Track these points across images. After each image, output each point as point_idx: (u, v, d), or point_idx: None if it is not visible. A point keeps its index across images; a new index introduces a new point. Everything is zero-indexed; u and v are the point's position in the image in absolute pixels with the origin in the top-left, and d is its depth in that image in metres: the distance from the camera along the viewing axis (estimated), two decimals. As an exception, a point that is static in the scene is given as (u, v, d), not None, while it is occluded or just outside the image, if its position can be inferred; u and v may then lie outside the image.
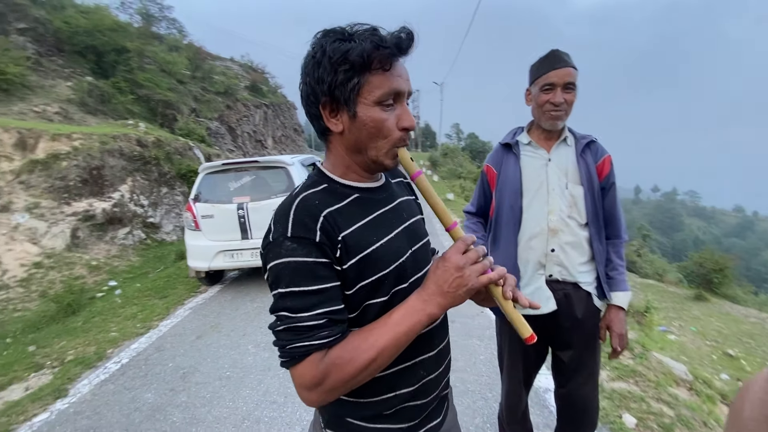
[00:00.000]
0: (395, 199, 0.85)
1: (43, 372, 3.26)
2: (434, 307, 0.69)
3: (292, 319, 0.67)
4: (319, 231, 0.69)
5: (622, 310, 1.52)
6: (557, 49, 1.43)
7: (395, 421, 0.79)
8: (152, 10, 22.62)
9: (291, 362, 0.68)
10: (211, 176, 4.74)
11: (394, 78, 0.71)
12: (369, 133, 0.72)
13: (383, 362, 0.68)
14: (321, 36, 0.72)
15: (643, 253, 29.21)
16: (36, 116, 9.49)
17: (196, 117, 15.53)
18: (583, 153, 1.50)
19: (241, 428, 2.36)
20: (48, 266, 5.55)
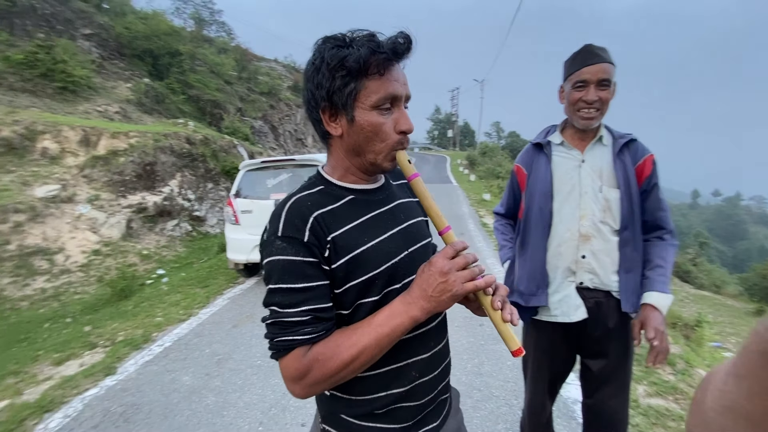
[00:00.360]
0: (393, 201, 0.85)
1: (96, 350, 3.57)
2: (417, 311, 0.69)
3: (279, 314, 0.70)
4: (308, 231, 0.71)
5: (657, 310, 1.36)
6: (591, 44, 1.35)
7: (388, 420, 0.80)
8: (204, 15, 23.87)
9: (277, 354, 0.72)
10: (251, 173, 4.95)
11: (391, 83, 0.72)
12: (367, 136, 0.74)
13: (365, 361, 0.70)
14: (321, 43, 0.73)
15: (700, 262, 27.11)
16: (99, 115, 10.32)
17: (242, 116, 16.23)
18: (621, 153, 1.40)
19: (268, 415, 2.46)
20: (105, 253, 6.03)
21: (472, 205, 11.09)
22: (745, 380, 0.28)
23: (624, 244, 1.40)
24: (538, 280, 1.48)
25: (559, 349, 1.54)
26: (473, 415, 2.40)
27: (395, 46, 0.71)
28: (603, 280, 1.42)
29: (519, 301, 1.53)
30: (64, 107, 9.86)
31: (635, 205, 1.39)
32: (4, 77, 9.63)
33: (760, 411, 0.27)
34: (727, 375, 0.30)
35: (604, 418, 1.54)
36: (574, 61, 1.37)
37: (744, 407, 0.28)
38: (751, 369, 0.28)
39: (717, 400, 0.30)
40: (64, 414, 2.59)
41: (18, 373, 3.24)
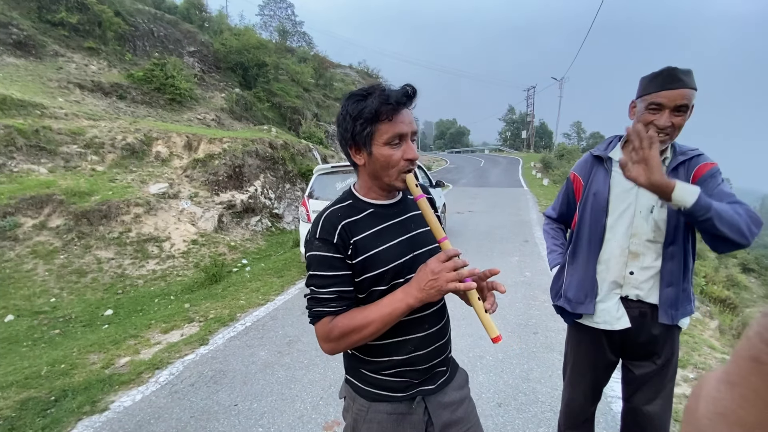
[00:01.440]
0: (406, 213, 1.10)
1: (193, 324, 4.25)
2: (412, 299, 0.93)
3: (315, 292, 1.00)
4: (337, 236, 0.99)
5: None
6: (674, 67, 1.29)
7: (394, 376, 1.07)
8: (287, 26, 25.86)
9: (313, 320, 1.02)
10: (323, 177, 5.44)
11: (398, 125, 0.96)
12: (381, 165, 0.99)
13: (373, 331, 0.95)
14: (347, 98, 1.00)
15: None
16: (198, 122, 11.85)
17: (317, 121, 17.35)
18: (675, 170, 1.39)
19: (328, 392, 2.80)
20: (201, 243, 7.00)
21: (541, 211, 10.66)
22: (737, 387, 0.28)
23: (668, 258, 1.42)
24: (587, 289, 1.54)
25: (601, 353, 1.59)
26: (516, 416, 2.50)
27: (399, 99, 0.94)
28: (648, 294, 1.46)
29: (566, 306, 1.61)
30: (172, 116, 11.49)
31: (681, 219, 1.38)
32: (129, 91, 11.52)
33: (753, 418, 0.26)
34: (719, 382, 0.30)
35: (642, 422, 1.56)
36: (652, 81, 1.33)
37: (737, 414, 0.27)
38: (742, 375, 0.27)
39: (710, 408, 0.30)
40: (170, 372, 3.19)
41: (136, 337, 4.01)
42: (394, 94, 0.95)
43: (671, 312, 1.43)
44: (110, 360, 3.44)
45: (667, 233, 1.41)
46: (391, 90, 0.96)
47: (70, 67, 10.97)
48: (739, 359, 0.29)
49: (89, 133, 8.00)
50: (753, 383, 0.27)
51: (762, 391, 0.26)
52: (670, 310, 1.43)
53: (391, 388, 1.06)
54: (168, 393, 2.88)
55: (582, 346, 1.65)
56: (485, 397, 2.69)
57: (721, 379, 0.30)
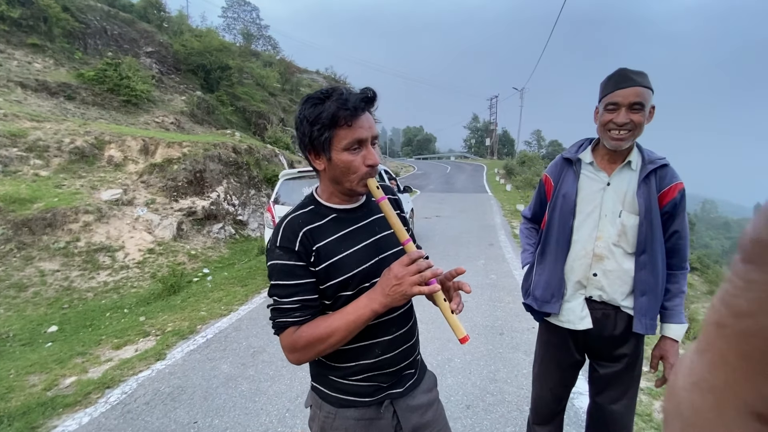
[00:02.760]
0: (370, 217, 1.07)
1: (149, 338, 4.00)
2: (376, 305, 0.91)
3: (278, 302, 0.97)
4: (299, 243, 0.96)
5: (676, 342, 1.48)
6: (625, 68, 1.38)
7: (362, 381, 1.04)
8: (252, 30, 25.36)
9: (277, 331, 0.99)
10: (289, 182, 5.33)
11: (356, 130, 0.93)
12: (341, 171, 0.96)
13: (339, 338, 0.93)
14: (304, 102, 0.96)
15: None
16: (156, 126, 11.31)
17: (284, 126, 17.06)
18: (647, 179, 1.42)
19: (294, 403, 2.71)
20: (158, 252, 6.64)
21: (505, 215, 10.99)
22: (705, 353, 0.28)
23: (641, 267, 1.44)
24: (553, 289, 1.57)
25: (567, 352, 1.63)
26: (484, 417, 2.52)
27: (357, 105, 0.92)
28: (611, 296, 1.49)
29: (533, 305, 1.64)
30: (128, 119, 10.90)
31: (656, 231, 1.41)
32: (78, 92, 10.82)
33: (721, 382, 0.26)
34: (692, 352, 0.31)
35: (608, 422, 1.60)
36: (607, 84, 1.41)
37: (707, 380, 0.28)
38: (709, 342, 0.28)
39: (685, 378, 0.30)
40: (122, 391, 2.98)
41: (84, 354, 3.72)
42: (353, 98, 0.92)
43: (645, 321, 1.45)
44: (53, 381, 3.16)
45: (638, 242, 1.44)
46: (349, 93, 0.93)
47: (11, 64, 10.16)
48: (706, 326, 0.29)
49: (32, 136, 7.41)
50: (718, 347, 0.27)
51: (726, 354, 0.26)
52: (644, 320, 1.45)
53: (358, 393, 1.04)
54: (120, 414, 2.68)
55: (550, 344, 1.69)
56: (454, 399, 2.70)
57: (694, 349, 0.31)
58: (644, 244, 1.42)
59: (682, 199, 1.43)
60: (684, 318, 1.49)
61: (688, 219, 1.55)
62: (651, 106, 1.39)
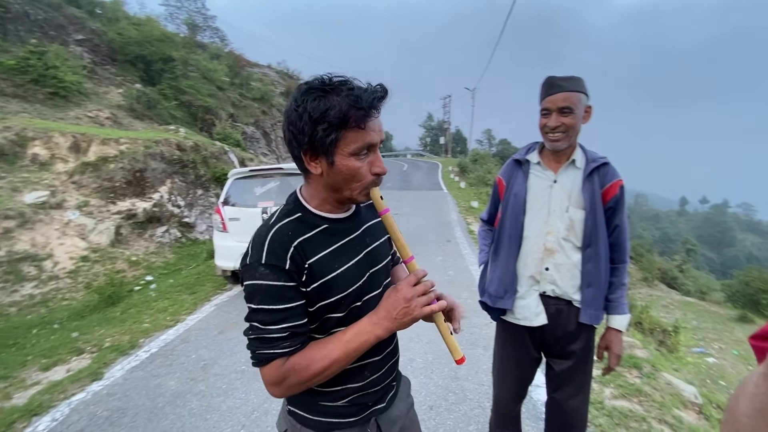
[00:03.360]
0: (361, 227, 0.97)
1: (83, 356, 3.62)
2: (381, 330, 0.83)
3: (261, 330, 0.81)
4: (289, 260, 0.81)
5: (620, 332, 1.57)
6: (553, 76, 1.47)
7: (347, 404, 0.95)
8: (197, 20, 23.96)
9: (258, 364, 0.84)
10: (240, 181, 5.05)
11: (368, 133, 0.80)
12: (345, 178, 0.83)
13: (336, 370, 0.84)
14: (304, 91, 0.79)
15: (687, 268, 27.57)
16: (90, 121, 10.34)
17: (233, 122, 16.30)
18: (590, 176, 1.51)
19: (250, 418, 2.55)
20: (94, 260, 6.06)
21: (460, 212, 11.24)
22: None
23: (586, 260, 1.52)
24: (506, 285, 1.62)
25: (524, 349, 1.67)
26: (447, 416, 2.52)
27: (372, 103, 0.79)
28: (563, 290, 1.55)
29: (487, 301, 1.68)
30: (55, 113, 9.87)
31: (600, 225, 1.49)
32: (-5, 82, 9.63)
33: None
34: (758, 377, 0.29)
35: (566, 417, 1.67)
36: (540, 92, 1.51)
37: None
38: None
39: (749, 404, 0.29)
40: (52, 418, 2.65)
41: (7, 378, 3.29)
42: (366, 96, 0.78)
43: (590, 312, 1.52)
44: (-36, 413, 2.76)
45: (584, 236, 1.51)
46: (360, 89, 0.79)
47: None
48: None
49: (-65, 131, 6.49)
50: None
51: None
52: (589, 310, 1.52)
53: (344, 415, 0.95)
54: (47, 445, 2.38)
55: (507, 343, 1.73)
56: (418, 401, 2.66)
57: (760, 372, 0.29)
58: (590, 238, 1.50)
59: (622, 194, 1.52)
60: (626, 309, 1.58)
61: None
62: (587, 107, 1.48)
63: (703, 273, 35.53)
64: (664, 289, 19.34)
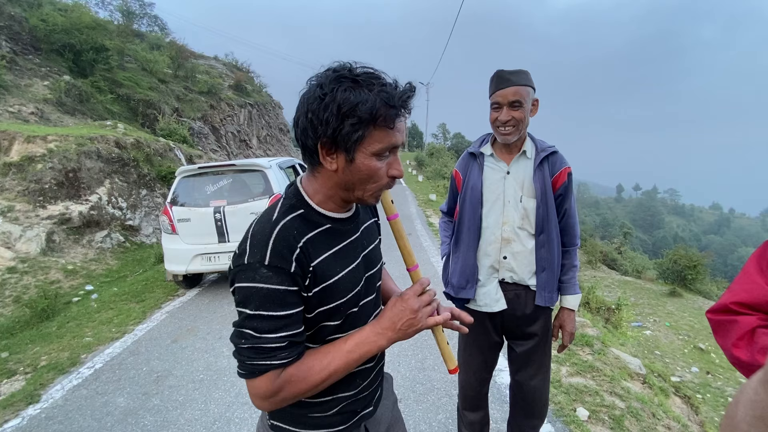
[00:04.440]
0: (360, 228, 0.91)
1: (16, 378, 3.26)
2: (384, 341, 0.79)
3: (257, 339, 0.73)
4: (295, 262, 0.74)
5: (572, 311, 1.66)
6: (502, 70, 1.50)
7: (337, 413, 0.90)
8: (133, 7, 22.21)
9: (249, 376, 0.75)
10: (188, 179, 4.75)
11: (395, 134, 0.76)
12: (362, 178, 0.77)
13: (333, 380, 0.79)
14: (333, 79, 0.73)
15: (624, 250, 29.92)
16: (11, 117, 9.28)
17: (179, 117, 15.35)
18: (541, 165, 1.56)
19: (212, 430, 2.42)
20: (22, 271, 5.46)
21: (419, 205, 11.41)
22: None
23: (540, 246, 1.59)
24: (468, 275, 1.66)
25: (487, 335, 1.73)
26: (416, 408, 2.53)
27: (405, 103, 0.74)
28: (521, 276, 1.62)
29: (451, 292, 1.72)
30: (-34, 107, 8.75)
31: (551, 212, 1.56)
32: None
33: None
34: (757, 383, 0.29)
35: (528, 397, 1.75)
36: (490, 85, 1.53)
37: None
38: None
39: (748, 411, 0.28)
40: (-23, 451, 2.36)
41: None
42: (398, 95, 0.73)
43: (545, 294, 1.61)
44: None
45: (536, 224, 1.58)
46: (391, 86, 0.74)
47: None
48: None
49: None
50: None
51: None
52: (543, 293, 1.61)
53: (333, 424, 0.90)
54: (-27, 483, 2.11)
55: (471, 330, 1.75)
56: (385, 396, 2.67)
57: (759, 380, 0.28)
58: (542, 225, 1.56)
59: (570, 181, 1.59)
60: (578, 289, 1.68)
61: None
62: (534, 100, 1.53)
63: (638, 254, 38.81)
64: (606, 270, 20.88)
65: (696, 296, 15.75)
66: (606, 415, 2.42)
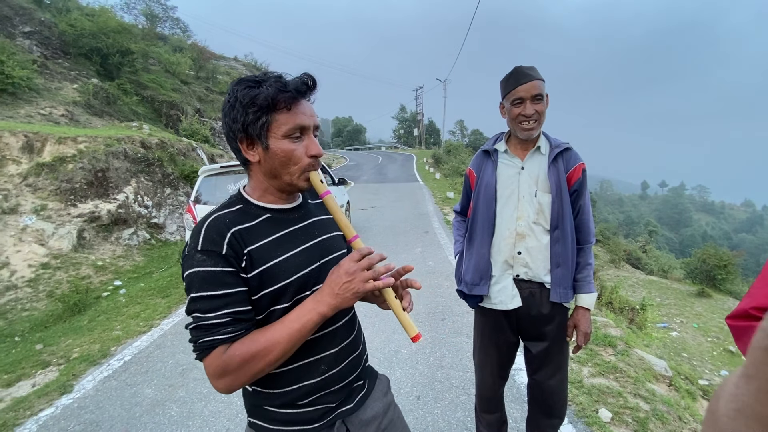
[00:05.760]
0: (308, 219, 0.97)
1: (50, 369, 3.42)
2: (325, 307, 0.81)
3: (201, 318, 0.79)
4: (226, 245, 0.81)
5: (588, 310, 1.63)
6: (521, 66, 1.52)
7: (307, 407, 0.92)
8: (156, 11, 22.84)
9: (201, 354, 0.80)
10: (211, 178, 4.87)
11: (298, 115, 0.84)
12: (281, 161, 0.85)
13: (280, 354, 0.80)
14: (235, 84, 0.85)
15: (649, 249, 29.00)
16: (42, 119, 9.70)
17: (200, 117, 15.71)
18: (555, 161, 1.57)
19: (234, 422, 2.48)
20: (55, 267, 5.72)
21: (437, 203, 11.34)
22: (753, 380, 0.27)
23: (555, 241, 1.58)
24: (481, 272, 1.66)
25: (503, 333, 1.71)
26: (434, 405, 2.54)
27: (298, 87, 0.84)
28: (536, 272, 1.60)
29: (464, 290, 1.71)
30: (3, 111, 9.19)
31: (566, 207, 1.55)
32: (-69, 79, 8.84)
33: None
34: (738, 377, 0.29)
35: (546, 397, 1.73)
36: (508, 82, 1.53)
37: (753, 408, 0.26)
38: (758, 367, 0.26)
39: (729, 404, 0.29)
40: (17, 437, 2.50)
41: (-38, 398, 3.06)
42: (292, 81, 0.84)
43: (560, 291, 1.58)
44: None
45: (551, 218, 1.57)
46: (288, 78, 0.85)
47: None
48: (754, 351, 0.27)
49: None
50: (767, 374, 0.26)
51: None
52: (559, 289, 1.58)
53: (305, 421, 0.92)
54: (14, 466, 2.23)
55: (486, 329, 1.77)
56: (404, 392, 2.68)
57: (739, 373, 0.29)
58: (557, 220, 1.56)
59: (584, 177, 1.58)
60: (593, 287, 1.65)
61: (590, 197, 1.72)
62: (545, 95, 1.54)
63: (664, 252, 37.52)
64: (630, 269, 20.29)
65: (726, 297, 15.13)
66: (630, 417, 2.37)
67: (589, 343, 3.15)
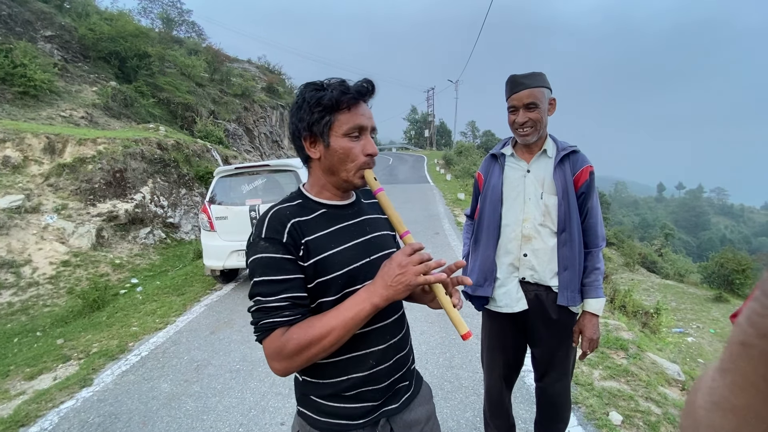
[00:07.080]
0: (361, 216, 1.01)
1: (70, 363, 3.54)
2: (377, 298, 0.84)
3: (262, 301, 0.86)
4: (287, 234, 0.89)
5: (595, 316, 1.60)
6: (515, 75, 1.54)
7: (352, 401, 0.95)
8: (172, 15, 23.29)
9: (261, 335, 0.87)
10: (226, 179, 4.97)
11: (358, 116, 0.91)
12: (339, 158, 0.92)
13: (334, 340, 0.84)
14: (303, 87, 0.94)
15: (665, 252, 28.40)
16: (63, 121, 9.99)
17: (215, 119, 15.97)
18: (561, 164, 1.57)
19: (248, 417, 2.54)
20: (75, 264, 5.90)
21: (447, 204, 11.32)
22: (729, 373, 0.27)
23: (562, 244, 1.57)
24: (486, 273, 1.67)
25: (509, 337, 1.72)
26: (444, 405, 2.56)
27: (359, 89, 0.92)
28: (542, 275, 1.60)
29: (468, 290, 1.73)
30: (26, 113, 9.50)
31: (573, 210, 1.55)
32: (-41, 82, 9.20)
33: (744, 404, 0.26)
34: (714, 371, 0.30)
35: (551, 401, 1.75)
36: (505, 90, 1.57)
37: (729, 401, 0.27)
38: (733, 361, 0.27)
39: (705, 398, 0.30)
40: (40, 427, 2.59)
41: (-12, 390, 3.19)
42: (354, 85, 0.92)
43: (567, 294, 1.57)
44: (-53, 427, 2.67)
45: (558, 221, 1.56)
46: (350, 83, 0.93)
47: None
48: (730, 345, 0.28)
49: None
50: (742, 368, 0.26)
51: (751, 376, 0.26)
52: (566, 292, 1.57)
53: (350, 416, 0.95)
54: (38, 455, 2.32)
55: (493, 331, 1.78)
56: (413, 392, 2.70)
57: (716, 367, 0.30)
58: (564, 223, 1.55)
59: (592, 180, 1.58)
60: (601, 293, 1.63)
61: (604, 199, 1.70)
62: (551, 100, 1.55)
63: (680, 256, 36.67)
64: (645, 273, 19.93)
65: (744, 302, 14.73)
66: (641, 420, 2.35)
67: (601, 346, 3.13)
